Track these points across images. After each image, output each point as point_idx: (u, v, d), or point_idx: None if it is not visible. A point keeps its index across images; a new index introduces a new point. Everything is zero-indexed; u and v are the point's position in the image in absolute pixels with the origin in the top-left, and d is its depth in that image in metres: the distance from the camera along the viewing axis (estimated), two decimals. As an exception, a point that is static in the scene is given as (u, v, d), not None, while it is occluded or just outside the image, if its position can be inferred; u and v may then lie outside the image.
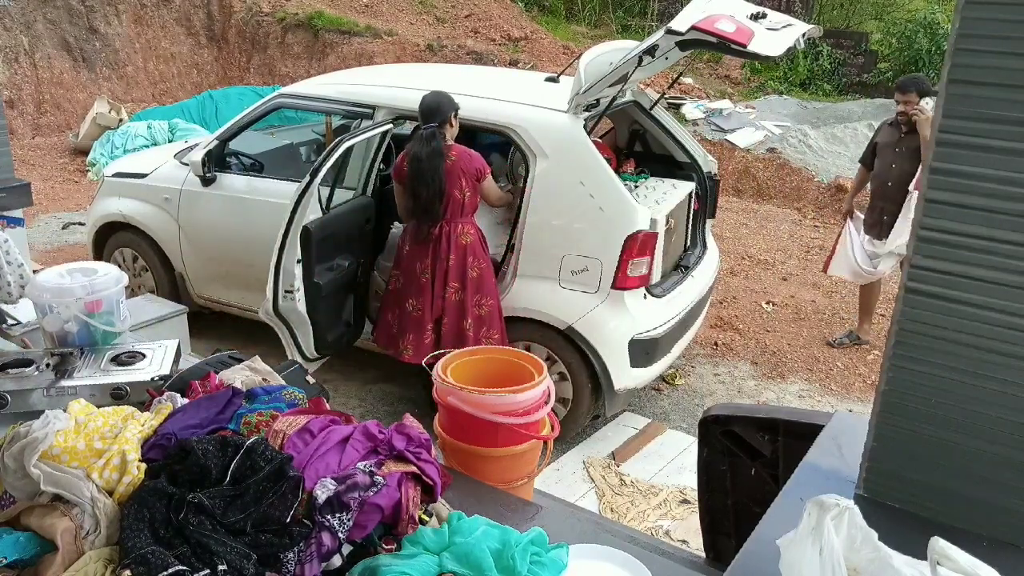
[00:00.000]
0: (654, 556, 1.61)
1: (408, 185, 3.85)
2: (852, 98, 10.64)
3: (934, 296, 1.47)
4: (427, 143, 3.78)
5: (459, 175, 3.83)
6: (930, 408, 1.52)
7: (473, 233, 3.94)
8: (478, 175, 3.91)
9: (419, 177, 3.79)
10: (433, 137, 3.79)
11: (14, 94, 9.89)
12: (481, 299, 3.93)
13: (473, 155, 3.91)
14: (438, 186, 3.77)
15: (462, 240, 3.88)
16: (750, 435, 2.28)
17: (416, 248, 3.92)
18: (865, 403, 4.68)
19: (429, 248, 3.88)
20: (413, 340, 3.93)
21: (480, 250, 3.96)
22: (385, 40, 11.12)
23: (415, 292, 3.92)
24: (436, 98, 3.91)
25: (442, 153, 3.78)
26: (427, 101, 3.91)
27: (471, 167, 3.88)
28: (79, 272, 2.32)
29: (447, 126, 3.88)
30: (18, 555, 1.40)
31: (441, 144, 3.79)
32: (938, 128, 1.41)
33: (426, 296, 3.90)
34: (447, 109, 3.88)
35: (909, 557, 1.23)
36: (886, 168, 5.08)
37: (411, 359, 3.91)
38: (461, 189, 3.83)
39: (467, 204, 3.88)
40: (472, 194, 3.89)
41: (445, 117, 3.87)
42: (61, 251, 6.59)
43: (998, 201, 1.38)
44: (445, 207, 3.82)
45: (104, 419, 1.64)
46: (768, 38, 3.60)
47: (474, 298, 3.91)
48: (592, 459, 4.09)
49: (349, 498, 1.47)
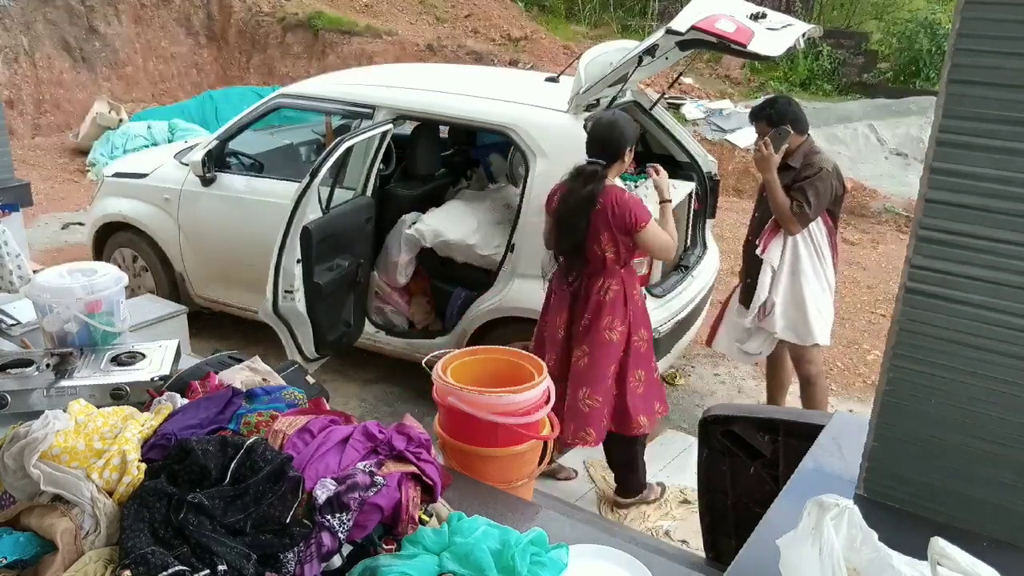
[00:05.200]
0: (654, 556, 1.61)
1: (552, 227, 3.36)
2: (852, 98, 10.64)
3: (934, 296, 1.47)
4: (583, 183, 3.19)
5: (603, 227, 3.18)
6: (930, 408, 1.52)
7: (615, 290, 3.30)
8: (629, 227, 3.19)
9: (563, 222, 3.26)
10: (594, 178, 3.18)
11: (14, 94, 9.89)
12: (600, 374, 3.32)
13: (625, 202, 3.18)
14: (579, 237, 3.21)
15: (598, 298, 3.30)
16: (750, 435, 2.28)
17: (558, 298, 3.43)
18: (865, 403, 4.68)
19: (567, 300, 3.39)
20: None
21: (621, 309, 3.31)
22: (385, 40, 11.12)
23: (550, 346, 3.44)
24: (612, 128, 3.24)
25: (594, 200, 3.16)
26: (602, 131, 3.26)
27: (618, 218, 3.17)
28: (79, 272, 2.33)
29: (618, 163, 3.27)
30: (18, 555, 1.40)
31: (598, 190, 3.16)
32: (938, 128, 1.41)
33: (558, 354, 3.42)
34: (623, 143, 3.23)
35: (909, 557, 1.23)
36: (752, 216, 4.13)
37: None
38: (601, 244, 3.20)
39: (610, 260, 3.25)
40: (618, 250, 3.23)
41: (618, 155, 3.23)
42: (61, 251, 6.58)
43: (998, 201, 1.38)
44: (586, 260, 3.28)
45: (104, 419, 1.64)
46: (768, 38, 3.60)
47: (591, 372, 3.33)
48: (592, 459, 4.09)
49: (349, 498, 1.47)
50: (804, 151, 3.79)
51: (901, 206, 7.84)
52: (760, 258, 3.85)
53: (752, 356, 4.25)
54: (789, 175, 3.74)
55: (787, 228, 3.76)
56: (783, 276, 3.83)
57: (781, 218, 3.74)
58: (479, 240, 4.31)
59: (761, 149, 3.72)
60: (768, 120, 3.77)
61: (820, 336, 3.88)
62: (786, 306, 3.86)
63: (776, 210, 3.74)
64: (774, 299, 3.84)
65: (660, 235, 3.30)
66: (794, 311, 3.86)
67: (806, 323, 3.85)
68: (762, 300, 3.86)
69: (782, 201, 3.70)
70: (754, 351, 4.14)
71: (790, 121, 3.75)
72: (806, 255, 3.81)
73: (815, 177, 3.68)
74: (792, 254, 3.81)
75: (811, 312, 3.83)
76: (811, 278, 3.83)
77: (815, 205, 3.68)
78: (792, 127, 3.73)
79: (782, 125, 3.72)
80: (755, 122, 3.87)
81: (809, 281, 3.82)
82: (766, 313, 3.90)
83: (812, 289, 3.83)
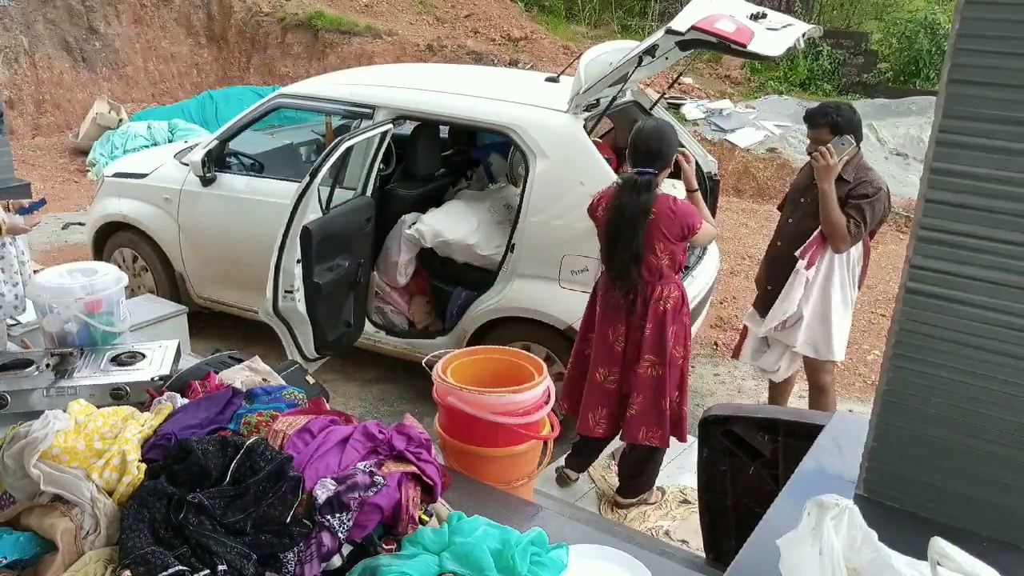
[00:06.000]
0: (654, 556, 1.61)
1: (604, 239, 3.31)
2: (852, 98, 10.64)
3: (934, 296, 1.47)
4: (636, 194, 3.15)
5: (656, 236, 3.19)
6: (930, 408, 1.52)
7: (675, 296, 3.32)
8: (682, 234, 3.23)
9: (616, 235, 3.22)
10: (648, 188, 3.15)
11: (14, 94, 9.89)
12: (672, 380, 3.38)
13: (679, 211, 3.20)
14: (636, 249, 3.18)
15: (660, 307, 3.29)
16: (750, 435, 2.28)
17: (609, 311, 3.37)
18: (865, 403, 4.67)
19: (622, 312, 3.33)
20: (606, 415, 3.45)
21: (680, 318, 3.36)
22: (385, 40, 11.12)
23: (606, 362, 3.40)
24: (661, 136, 3.23)
25: (648, 210, 3.14)
26: (649, 138, 3.22)
27: (674, 226, 3.19)
28: (79, 272, 2.33)
29: (667, 170, 3.27)
30: (18, 555, 1.40)
31: (651, 200, 3.14)
32: (938, 128, 1.41)
33: (617, 367, 3.39)
34: (672, 151, 3.24)
35: (909, 557, 1.23)
36: (783, 221, 3.89)
37: (603, 434, 3.51)
38: (657, 254, 3.21)
39: (665, 268, 3.26)
40: (673, 257, 3.26)
41: (668, 161, 3.24)
42: (61, 251, 6.58)
43: (998, 201, 1.38)
44: (643, 270, 3.25)
45: (104, 419, 1.64)
46: (768, 38, 3.60)
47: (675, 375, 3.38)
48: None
49: (349, 498, 1.47)
50: (855, 164, 3.57)
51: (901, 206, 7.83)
52: (786, 267, 3.67)
53: (767, 373, 4.07)
54: (842, 188, 3.50)
55: (836, 245, 3.55)
56: (814, 290, 3.66)
57: (833, 235, 3.51)
58: (479, 240, 4.31)
59: (825, 157, 3.43)
60: (832, 127, 3.50)
61: (839, 352, 3.76)
62: (811, 320, 3.70)
63: (830, 225, 3.50)
64: (802, 312, 3.68)
65: (708, 230, 3.38)
66: (819, 326, 3.71)
67: (828, 339, 3.71)
68: (789, 313, 3.69)
69: (839, 218, 3.47)
70: (770, 367, 3.98)
71: (854, 131, 3.52)
72: (838, 271, 3.64)
73: (874, 197, 3.49)
74: (827, 268, 3.63)
75: (834, 328, 3.69)
76: (838, 295, 3.67)
77: (869, 225, 3.52)
78: (854, 137, 3.50)
79: (847, 134, 3.48)
80: (815, 127, 3.58)
81: (836, 297, 3.66)
82: (788, 325, 3.75)
83: (837, 305, 3.68)
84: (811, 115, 3.62)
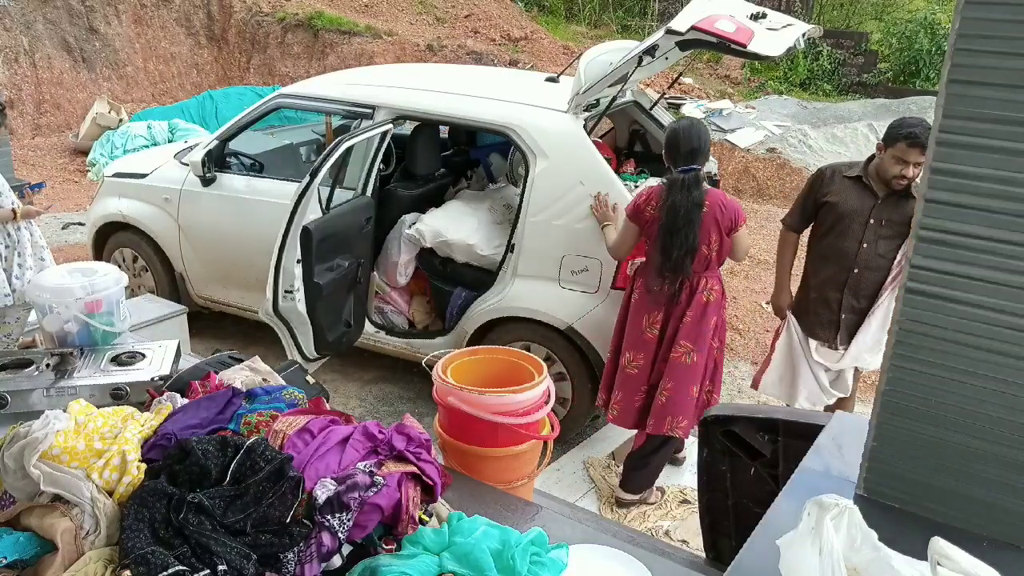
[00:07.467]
0: (654, 556, 1.61)
1: (658, 238, 3.35)
2: (852, 98, 10.65)
3: (934, 296, 1.47)
4: (688, 192, 3.26)
5: (710, 228, 3.33)
6: (930, 408, 1.52)
7: (718, 290, 3.45)
8: (732, 226, 3.37)
9: (673, 232, 3.29)
10: (697, 184, 3.28)
11: (14, 94, 9.89)
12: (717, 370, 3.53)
13: (728, 203, 3.38)
14: (692, 243, 3.29)
15: (703, 297, 3.40)
16: (750, 435, 2.28)
17: (647, 299, 3.45)
18: (865, 403, 4.67)
19: (662, 301, 3.42)
20: (622, 400, 3.52)
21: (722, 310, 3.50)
22: (385, 40, 11.12)
23: (634, 347, 3.49)
24: (699, 133, 3.34)
25: (702, 204, 3.28)
26: (688, 136, 3.32)
27: (726, 218, 3.35)
28: (79, 272, 2.33)
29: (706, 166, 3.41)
30: (18, 555, 1.40)
31: (703, 195, 3.28)
32: (938, 128, 1.41)
33: (647, 355, 3.47)
34: (708, 146, 3.38)
35: (909, 557, 1.23)
36: (850, 246, 3.49)
37: (615, 420, 3.59)
38: (710, 244, 3.35)
39: (713, 259, 3.40)
40: (720, 247, 3.39)
41: (708, 156, 3.38)
42: (61, 251, 6.58)
43: (998, 201, 1.38)
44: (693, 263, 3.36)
45: (104, 419, 1.64)
46: (768, 38, 3.60)
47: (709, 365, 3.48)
48: (592, 459, 4.09)
49: (349, 498, 1.47)
50: None
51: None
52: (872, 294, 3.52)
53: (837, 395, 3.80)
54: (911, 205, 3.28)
55: None
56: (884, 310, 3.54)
57: None
58: (479, 240, 4.31)
59: None
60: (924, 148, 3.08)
61: None
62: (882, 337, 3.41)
63: None
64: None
65: (747, 239, 3.59)
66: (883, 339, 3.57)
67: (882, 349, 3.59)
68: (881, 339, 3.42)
69: None
70: (843, 392, 3.79)
71: None
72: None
73: None
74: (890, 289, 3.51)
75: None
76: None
77: None
78: None
79: None
80: (912, 146, 3.25)
81: None
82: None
83: None
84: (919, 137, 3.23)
